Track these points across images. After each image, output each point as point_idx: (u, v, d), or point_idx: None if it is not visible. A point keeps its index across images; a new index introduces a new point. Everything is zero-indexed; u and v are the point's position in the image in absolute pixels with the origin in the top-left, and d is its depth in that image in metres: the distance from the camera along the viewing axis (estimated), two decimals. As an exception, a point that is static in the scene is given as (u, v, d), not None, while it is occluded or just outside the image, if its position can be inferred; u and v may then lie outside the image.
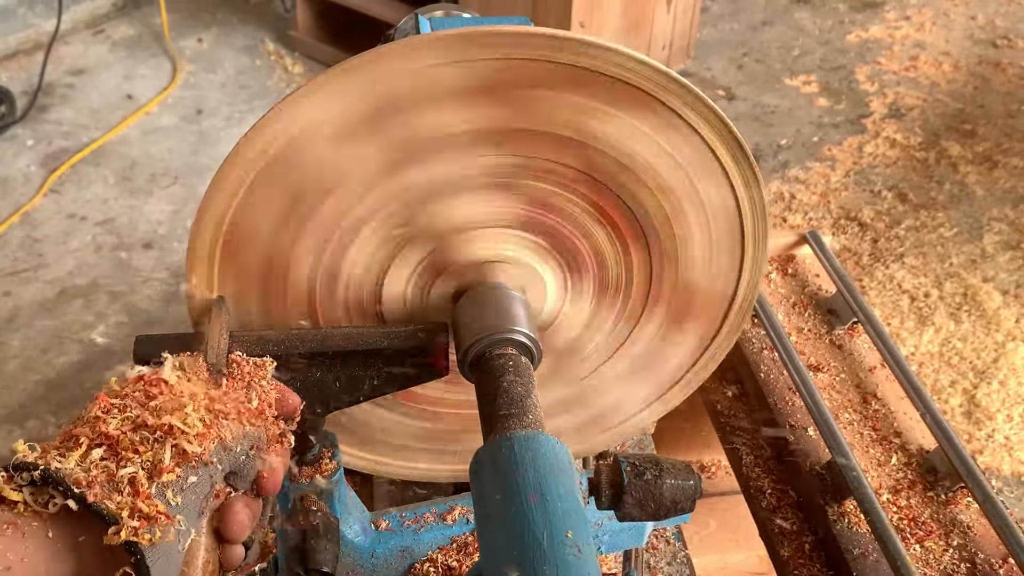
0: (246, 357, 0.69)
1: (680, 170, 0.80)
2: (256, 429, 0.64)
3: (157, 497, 0.54)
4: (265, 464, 0.65)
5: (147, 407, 0.58)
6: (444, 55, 0.69)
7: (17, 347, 2.59)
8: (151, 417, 0.58)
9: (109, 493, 0.53)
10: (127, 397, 0.59)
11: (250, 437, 0.63)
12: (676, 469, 0.63)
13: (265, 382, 0.68)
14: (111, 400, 0.59)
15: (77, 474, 0.54)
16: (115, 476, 0.54)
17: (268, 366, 0.69)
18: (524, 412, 0.64)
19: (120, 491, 0.54)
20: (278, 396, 0.69)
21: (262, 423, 0.65)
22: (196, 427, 0.58)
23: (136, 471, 0.55)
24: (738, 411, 1.36)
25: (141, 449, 0.56)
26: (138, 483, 0.54)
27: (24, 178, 3.24)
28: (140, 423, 0.57)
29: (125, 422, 0.57)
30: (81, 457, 0.55)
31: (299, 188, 0.74)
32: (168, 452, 0.56)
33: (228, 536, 0.61)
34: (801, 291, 1.49)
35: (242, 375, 0.67)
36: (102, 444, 0.56)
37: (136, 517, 0.53)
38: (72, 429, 0.58)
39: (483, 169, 0.77)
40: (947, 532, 1.11)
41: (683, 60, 3.91)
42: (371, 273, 0.81)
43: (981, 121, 3.49)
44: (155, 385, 0.60)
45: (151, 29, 4.19)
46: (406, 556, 0.86)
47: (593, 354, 0.92)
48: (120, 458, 0.55)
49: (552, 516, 0.55)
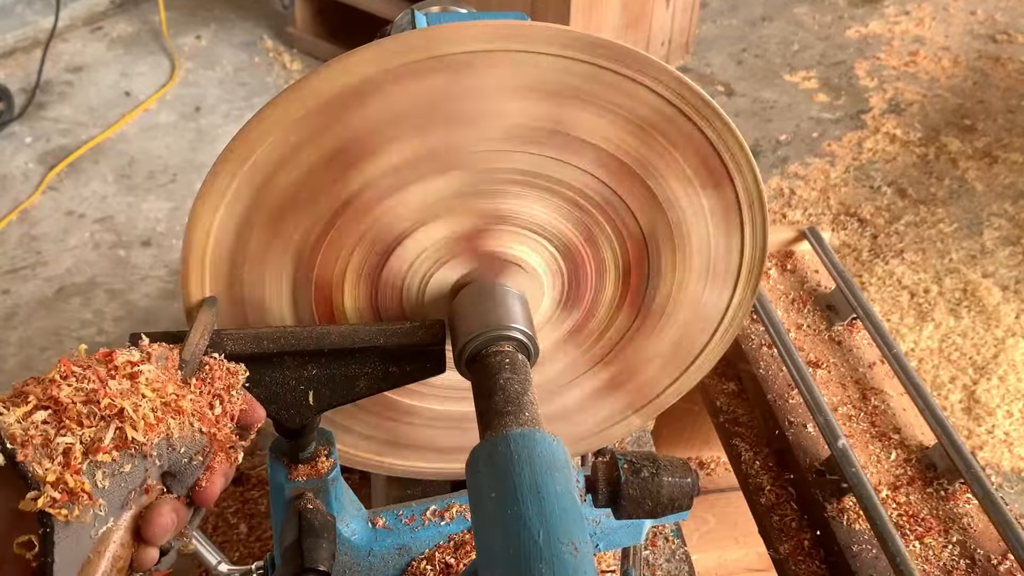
0: (221, 361, 0.68)
1: (705, 256, 0.85)
2: (206, 437, 0.62)
3: (87, 475, 0.53)
4: (206, 474, 0.63)
5: (104, 384, 0.57)
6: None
7: (16, 345, 2.59)
8: (105, 395, 0.56)
9: (40, 458, 0.52)
10: (89, 369, 0.58)
11: (199, 442, 0.62)
12: (673, 467, 0.62)
13: (234, 391, 0.67)
14: (72, 367, 0.57)
15: (14, 429, 0.52)
16: (51, 442, 0.53)
17: (240, 374, 0.68)
18: (521, 409, 0.63)
19: (51, 458, 0.52)
20: (244, 407, 0.67)
21: (216, 431, 0.64)
22: (146, 416, 0.57)
23: (73, 443, 0.53)
24: (737, 407, 1.35)
25: (85, 423, 0.55)
26: (72, 455, 0.53)
27: (22, 176, 3.23)
28: (92, 398, 0.56)
29: (78, 392, 0.56)
30: (24, 415, 0.54)
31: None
32: (111, 433, 0.55)
33: (147, 537, 0.59)
34: (800, 287, 1.48)
35: (212, 378, 0.66)
36: (48, 408, 0.55)
37: (59, 489, 0.51)
38: (24, 386, 0.56)
39: (578, 182, 0.78)
40: (946, 528, 1.11)
41: (682, 56, 3.90)
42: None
43: (981, 116, 3.48)
44: (120, 366, 0.59)
45: (149, 26, 4.18)
46: (403, 554, 0.85)
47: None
48: (62, 426, 0.54)
49: (548, 514, 0.55)
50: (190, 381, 0.64)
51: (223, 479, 0.65)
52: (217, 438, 0.64)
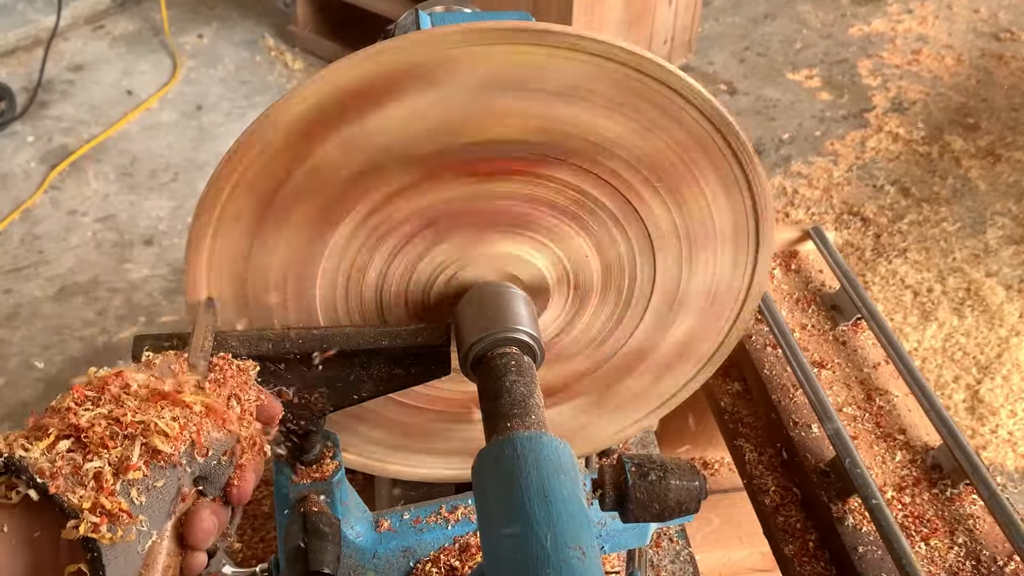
0: (230, 360, 0.67)
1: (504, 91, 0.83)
2: (230, 435, 0.62)
3: (121, 495, 0.53)
4: (237, 472, 0.63)
5: (121, 403, 0.57)
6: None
7: (18, 344, 2.59)
8: (124, 413, 0.56)
9: (72, 486, 0.52)
10: (103, 390, 0.57)
11: (224, 442, 0.61)
12: (681, 470, 0.62)
13: (248, 387, 0.67)
14: (86, 392, 0.57)
15: (41, 464, 0.52)
16: (80, 469, 0.53)
17: (251, 370, 0.68)
18: (527, 412, 0.63)
19: (84, 485, 0.52)
20: (259, 402, 0.67)
21: (239, 429, 0.64)
22: (169, 427, 0.57)
23: (102, 466, 0.53)
24: (741, 408, 1.35)
25: (110, 444, 0.54)
26: (103, 478, 0.53)
27: (24, 175, 3.23)
28: (112, 418, 0.56)
29: (97, 415, 0.55)
30: (47, 447, 0.53)
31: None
32: (137, 450, 0.55)
33: (192, 543, 0.59)
34: (804, 287, 1.48)
35: (224, 378, 0.66)
36: (70, 436, 0.54)
37: (97, 513, 0.51)
38: (42, 418, 0.56)
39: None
40: (952, 530, 1.10)
41: (685, 54, 3.89)
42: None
43: (984, 115, 3.47)
44: (132, 381, 0.59)
45: (151, 24, 4.17)
46: (408, 556, 0.85)
47: (636, 266, 0.94)
48: (88, 451, 0.54)
49: (555, 518, 0.55)
50: (203, 384, 0.64)
51: (254, 475, 0.65)
52: (241, 436, 0.64)
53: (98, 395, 0.57)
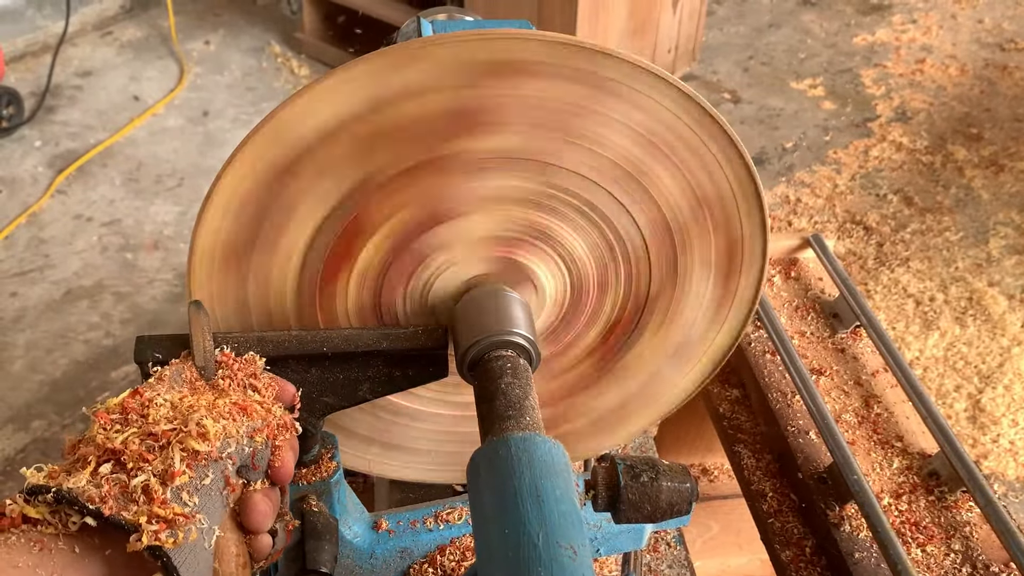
0: (231, 355, 0.69)
1: (683, 335, 0.89)
2: (259, 421, 0.64)
3: (173, 500, 0.55)
4: (275, 453, 0.65)
5: (147, 417, 0.59)
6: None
7: (23, 347, 2.60)
8: (153, 425, 0.58)
9: (125, 504, 0.54)
10: (126, 411, 0.60)
11: (254, 429, 0.64)
12: (672, 472, 0.63)
13: (259, 375, 0.69)
14: (110, 416, 0.59)
15: (90, 491, 0.54)
16: (128, 487, 0.55)
17: (257, 360, 0.70)
18: (521, 414, 0.64)
19: (135, 500, 0.54)
20: (274, 387, 0.69)
21: (265, 414, 0.66)
22: (202, 427, 0.59)
23: (148, 479, 0.55)
24: (740, 414, 1.36)
25: (150, 457, 0.56)
26: (152, 490, 0.55)
27: (32, 179, 3.25)
28: (144, 433, 0.58)
29: (130, 435, 0.58)
30: (91, 474, 0.55)
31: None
32: (178, 456, 0.57)
33: (252, 527, 0.61)
34: (804, 294, 1.49)
35: (233, 372, 0.68)
36: (109, 459, 0.56)
37: (155, 522, 0.53)
38: (78, 449, 0.58)
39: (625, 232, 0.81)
40: (948, 537, 1.11)
41: (689, 63, 3.91)
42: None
43: (987, 125, 3.48)
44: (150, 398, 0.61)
45: (158, 31, 4.21)
46: (405, 557, 0.86)
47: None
48: (130, 469, 0.56)
49: (547, 518, 0.55)
50: (216, 383, 0.66)
51: (292, 453, 0.67)
52: (268, 420, 0.66)
53: (123, 416, 0.59)
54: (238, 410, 0.63)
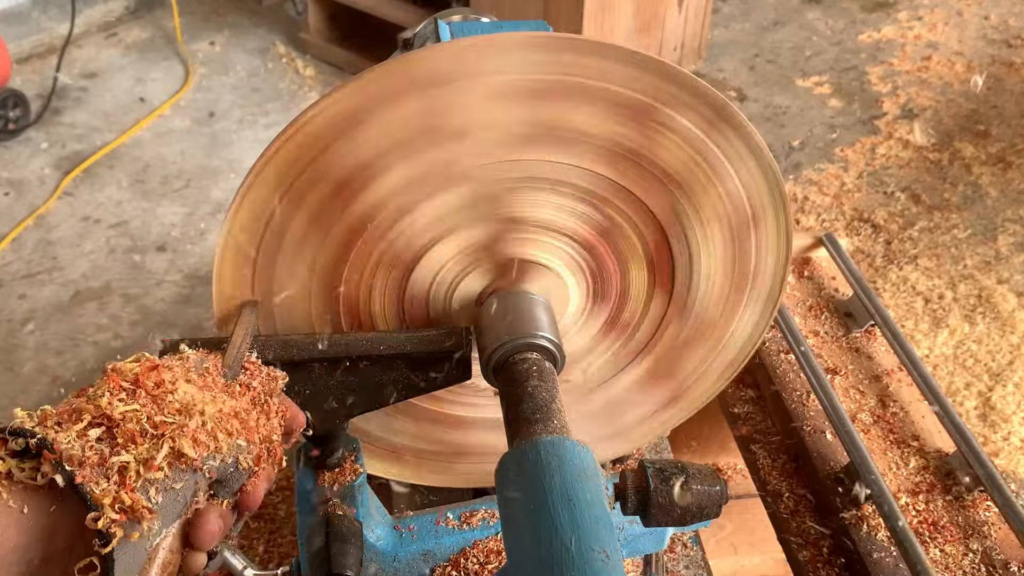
0: (260, 365, 0.68)
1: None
2: (251, 444, 0.63)
3: (140, 492, 0.54)
4: (251, 480, 0.64)
5: (156, 399, 0.58)
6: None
7: (32, 349, 2.60)
8: (156, 411, 0.57)
9: (96, 477, 0.53)
10: (138, 384, 0.58)
11: (244, 450, 0.62)
12: (702, 475, 0.63)
13: (274, 395, 0.68)
14: (121, 382, 0.58)
15: (73, 450, 0.53)
16: (107, 461, 0.53)
17: (280, 380, 0.69)
18: (549, 417, 0.64)
19: (108, 477, 0.53)
20: (284, 412, 0.68)
21: (262, 439, 0.64)
22: (197, 431, 0.58)
23: (129, 461, 0.54)
24: (755, 414, 1.35)
25: (139, 441, 0.55)
26: (127, 474, 0.53)
27: (39, 181, 3.26)
28: (144, 414, 0.56)
29: (131, 411, 0.56)
30: (79, 433, 0.54)
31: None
32: (164, 451, 0.55)
33: (196, 543, 0.60)
34: (818, 294, 1.48)
35: (251, 383, 0.66)
36: (102, 424, 0.55)
37: (117, 508, 0.52)
38: (76, 402, 0.57)
39: (587, 180, 0.79)
40: (966, 536, 1.11)
41: (695, 61, 3.90)
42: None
43: (995, 121, 3.47)
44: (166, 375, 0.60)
45: (163, 32, 4.20)
46: (428, 560, 0.86)
47: (577, 383, 0.95)
48: (116, 444, 0.55)
49: (579, 522, 0.55)
50: (234, 387, 0.65)
51: (267, 483, 0.65)
52: (263, 445, 0.64)
53: (133, 387, 0.58)
54: (239, 424, 0.62)
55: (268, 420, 0.66)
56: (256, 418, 0.65)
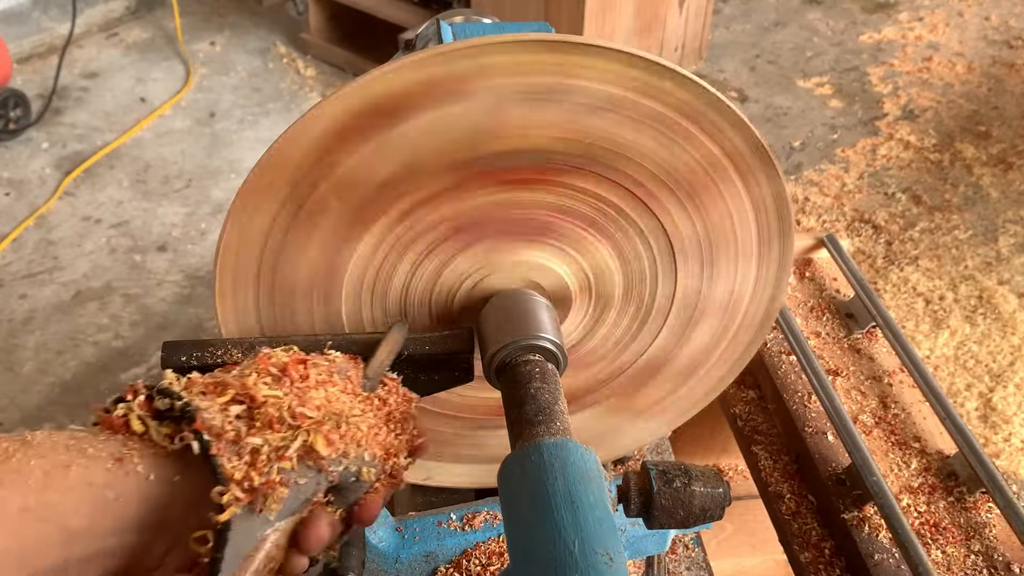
0: (399, 385, 0.69)
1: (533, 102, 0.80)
2: (377, 458, 0.63)
3: (267, 477, 0.54)
4: (369, 495, 0.64)
5: (299, 392, 0.59)
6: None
7: (32, 349, 2.61)
8: (297, 402, 0.57)
9: (229, 453, 0.53)
10: (285, 371, 0.59)
11: (368, 463, 0.62)
12: (705, 476, 0.63)
13: (407, 417, 0.68)
14: (269, 367, 0.59)
15: (214, 420, 0.53)
16: (242, 440, 0.54)
17: (414, 402, 0.69)
18: (552, 419, 0.64)
19: (240, 456, 0.53)
20: (414, 434, 0.68)
21: (388, 456, 0.65)
22: (331, 432, 0.58)
23: (263, 445, 0.54)
24: (756, 415, 1.35)
25: (275, 427, 0.56)
26: (259, 457, 0.54)
27: (39, 180, 3.26)
28: (286, 403, 0.57)
29: (273, 394, 0.57)
30: (222, 406, 0.55)
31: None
32: (297, 443, 0.56)
33: (302, 546, 0.59)
34: (819, 295, 1.48)
35: (387, 400, 0.67)
36: (244, 403, 0.56)
37: (244, 487, 0.52)
38: (222, 376, 0.58)
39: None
40: (968, 538, 1.11)
41: (695, 62, 3.90)
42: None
43: (995, 122, 3.47)
44: (312, 376, 0.61)
45: (164, 32, 4.21)
46: (430, 561, 0.86)
47: (658, 274, 0.91)
48: (253, 425, 0.55)
49: (583, 524, 0.55)
50: (371, 399, 0.65)
51: (383, 501, 0.65)
52: (387, 463, 0.64)
53: (280, 374, 0.59)
54: (372, 437, 0.62)
55: (396, 439, 0.66)
56: (385, 435, 0.65)
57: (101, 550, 0.50)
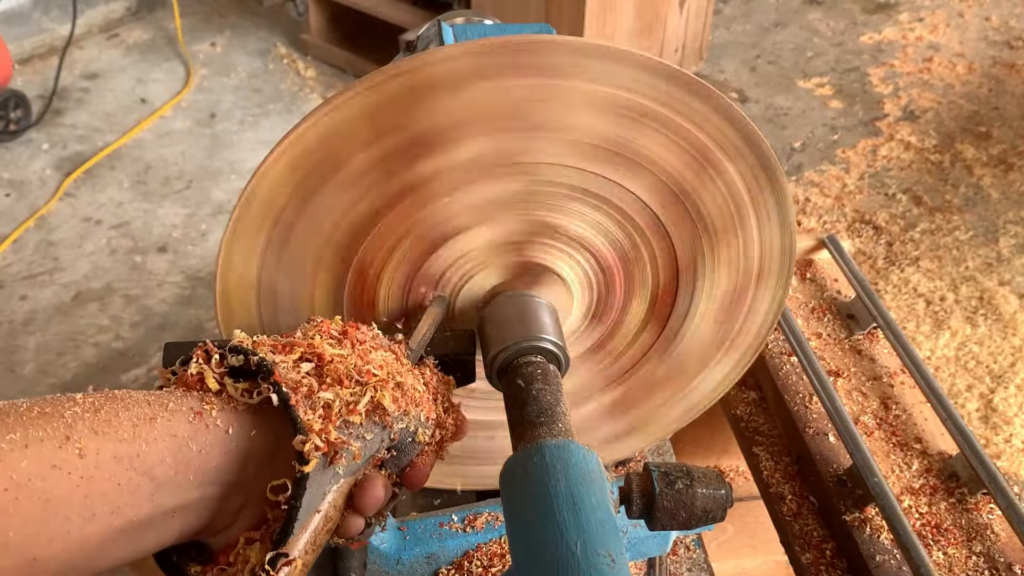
0: (435, 367, 0.71)
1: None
2: (431, 421, 0.65)
3: (339, 431, 0.55)
4: (420, 458, 0.66)
5: (362, 353, 0.60)
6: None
7: (33, 350, 2.61)
8: (365, 363, 0.59)
9: (305, 407, 0.55)
10: (346, 334, 0.61)
11: (424, 424, 0.64)
12: (707, 478, 0.62)
13: (447, 397, 0.70)
14: (332, 331, 0.61)
15: (290, 375, 0.55)
16: (314, 395, 0.55)
17: (451, 384, 0.71)
18: (554, 420, 0.64)
19: (314, 410, 0.55)
20: (456, 414, 0.70)
21: (442, 420, 0.67)
22: (398, 390, 0.60)
23: (335, 399, 0.56)
24: (757, 416, 1.35)
25: (345, 383, 0.57)
26: (332, 410, 0.55)
27: (40, 182, 3.26)
28: (351, 360, 0.59)
29: (339, 353, 0.59)
30: (295, 362, 0.56)
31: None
32: (367, 398, 0.57)
33: (359, 506, 0.61)
34: (820, 296, 1.48)
35: (429, 378, 0.68)
36: (312, 361, 0.57)
37: (321, 438, 0.54)
38: (288, 339, 0.59)
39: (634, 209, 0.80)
40: (969, 538, 1.11)
41: (696, 62, 3.90)
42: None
43: (996, 123, 3.47)
44: (368, 340, 0.63)
45: (165, 33, 4.21)
46: (431, 562, 0.86)
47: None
48: (323, 381, 0.57)
49: (585, 525, 0.55)
50: (416, 370, 0.67)
51: (430, 468, 0.68)
52: (437, 429, 0.67)
53: (341, 337, 0.61)
54: (426, 401, 0.65)
55: (448, 415, 0.69)
56: (433, 406, 0.67)
57: (184, 503, 0.52)
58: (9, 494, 0.43)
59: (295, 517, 0.52)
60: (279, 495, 0.53)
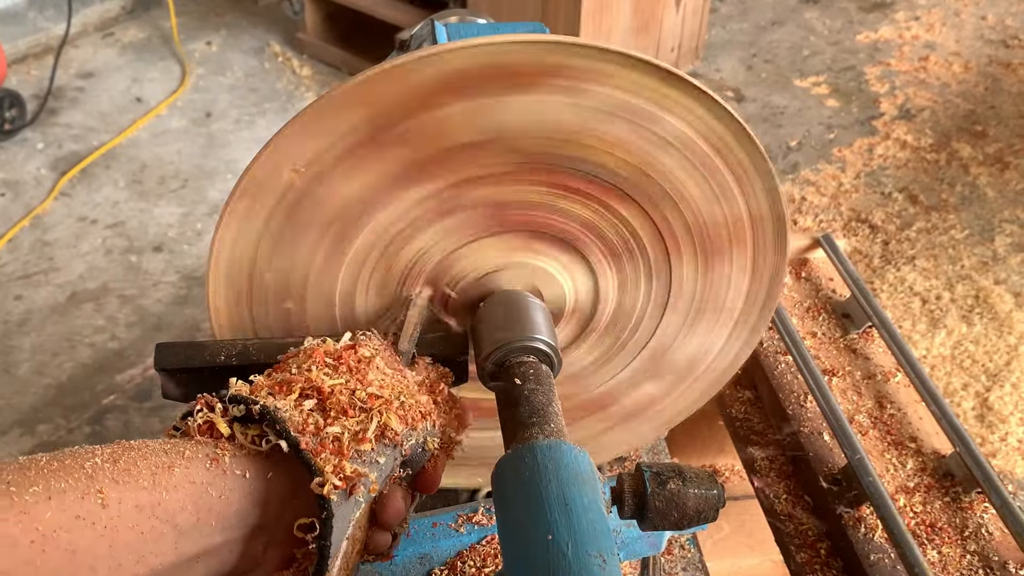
0: (427, 362, 0.71)
1: (625, 121, 0.75)
2: (437, 426, 0.65)
3: (352, 463, 0.56)
4: (431, 462, 0.66)
5: (360, 376, 0.60)
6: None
7: (28, 351, 2.60)
8: (359, 386, 0.59)
9: (315, 445, 0.55)
10: (340, 360, 0.61)
11: (431, 432, 0.64)
12: (699, 478, 0.62)
13: (446, 389, 0.70)
14: (326, 359, 0.60)
15: (295, 418, 0.55)
16: (321, 431, 0.55)
17: (450, 376, 0.72)
18: (546, 420, 0.63)
19: (324, 446, 0.55)
20: (457, 406, 0.71)
21: (446, 423, 0.67)
22: (404, 408, 0.60)
23: (342, 432, 0.56)
24: (752, 415, 1.35)
25: (350, 413, 0.57)
26: (342, 444, 0.55)
27: (35, 181, 3.25)
28: (351, 388, 0.59)
29: (337, 383, 0.59)
30: (296, 402, 0.56)
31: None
32: (374, 424, 0.57)
33: (383, 521, 0.61)
34: (815, 295, 1.48)
35: (427, 375, 0.68)
36: (312, 397, 0.57)
37: (338, 476, 0.54)
38: (283, 375, 0.59)
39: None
40: (964, 537, 1.11)
41: (692, 61, 3.90)
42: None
43: (992, 122, 3.48)
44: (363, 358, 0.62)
45: (160, 32, 4.20)
46: (425, 563, 0.86)
47: (644, 318, 0.90)
48: (327, 415, 0.57)
49: (576, 526, 0.55)
50: (412, 370, 0.67)
51: (441, 470, 0.68)
52: (446, 430, 0.67)
53: (335, 362, 0.61)
54: (428, 406, 0.64)
55: (450, 411, 0.69)
56: (436, 407, 0.67)
57: (207, 548, 0.52)
58: (36, 546, 0.43)
59: (328, 554, 0.53)
60: (307, 534, 0.54)
